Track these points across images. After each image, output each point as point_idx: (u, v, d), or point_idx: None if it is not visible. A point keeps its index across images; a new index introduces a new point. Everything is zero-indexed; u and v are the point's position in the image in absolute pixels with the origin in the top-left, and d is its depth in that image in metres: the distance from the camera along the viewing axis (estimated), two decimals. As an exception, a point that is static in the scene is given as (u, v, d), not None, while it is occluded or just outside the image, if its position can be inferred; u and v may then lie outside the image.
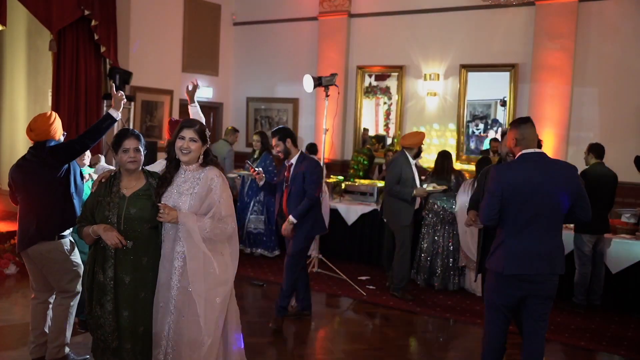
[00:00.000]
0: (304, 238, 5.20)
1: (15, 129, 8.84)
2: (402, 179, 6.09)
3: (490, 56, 8.34)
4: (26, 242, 4.01)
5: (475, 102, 8.62)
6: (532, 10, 7.98)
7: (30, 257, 4.05)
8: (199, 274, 3.19)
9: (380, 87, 9.33)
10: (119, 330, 3.29)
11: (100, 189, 3.38)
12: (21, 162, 4.10)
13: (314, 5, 9.68)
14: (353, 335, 5.23)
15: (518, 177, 3.48)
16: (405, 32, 8.99)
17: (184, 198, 3.25)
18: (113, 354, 3.33)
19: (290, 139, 5.18)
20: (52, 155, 4.00)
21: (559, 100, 7.77)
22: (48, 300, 4.21)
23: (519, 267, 3.46)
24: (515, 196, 3.46)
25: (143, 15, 8.56)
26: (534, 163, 3.50)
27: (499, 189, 3.49)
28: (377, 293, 6.44)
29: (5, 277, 6.39)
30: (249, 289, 6.44)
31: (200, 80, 9.99)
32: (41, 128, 4.03)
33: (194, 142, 3.27)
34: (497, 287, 3.58)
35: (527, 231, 3.46)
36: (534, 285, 3.47)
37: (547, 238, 3.47)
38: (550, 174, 3.47)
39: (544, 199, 3.43)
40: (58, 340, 4.09)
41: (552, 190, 3.44)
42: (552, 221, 3.49)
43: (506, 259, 3.48)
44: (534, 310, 3.54)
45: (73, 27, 7.22)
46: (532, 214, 3.44)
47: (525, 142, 3.54)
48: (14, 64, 8.80)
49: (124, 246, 3.23)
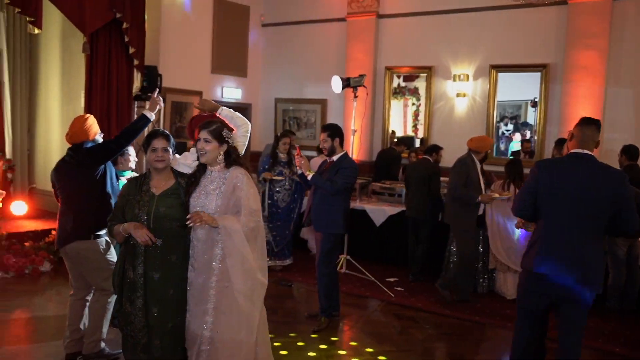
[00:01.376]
0: (326, 237, 5.25)
1: (50, 130, 9.03)
2: (467, 182, 5.95)
3: (520, 56, 8.24)
4: (63, 240, 4.15)
5: (505, 103, 8.52)
6: (564, 10, 7.86)
7: (68, 255, 4.19)
8: (238, 272, 3.22)
9: (409, 88, 9.29)
10: (149, 326, 3.35)
11: (131, 189, 3.45)
12: (60, 164, 4.26)
13: (343, 6, 9.68)
14: (380, 336, 5.21)
15: (559, 175, 3.39)
16: (434, 33, 8.93)
17: (211, 198, 3.29)
18: (143, 349, 3.38)
19: (338, 139, 5.27)
20: (89, 155, 4.14)
21: (592, 101, 7.63)
22: (85, 298, 4.34)
23: (549, 267, 3.36)
24: (553, 194, 3.38)
25: (173, 17, 8.67)
26: (580, 164, 3.39)
27: (534, 183, 3.44)
28: (405, 295, 6.41)
29: (40, 274, 6.53)
30: (277, 289, 6.47)
31: (228, 81, 10.11)
32: (76, 129, 4.19)
33: (208, 142, 3.32)
34: (526, 287, 3.50)
35: (563, 233, 3.35)
36: (564, 289, 3.35)
37: (583, 244, 3.33)
38: (594, 178, 3.33)
39: (583, 202, 3.31)
40: (95, 335, 4.23)
41: (592, 195, 3.31)
42: (591, 227, 3.34)
43: (538, 257, 3.40)
44: (566, 317, 3.41)
45: (105, 29, 7.34)
46: (569, 215, 3.34)
47: (580, 142, 3.44)
48: (49, 66, 9.00)
49: (154, 244, 3.28)
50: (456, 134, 8.68)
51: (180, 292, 3.38)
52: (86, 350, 4.24)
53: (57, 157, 8.82)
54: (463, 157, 6.17)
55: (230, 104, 10.20)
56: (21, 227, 7.45)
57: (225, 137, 3.38)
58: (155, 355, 3.37)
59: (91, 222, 4.09)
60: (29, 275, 6.48)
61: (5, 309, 5.42)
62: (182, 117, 8.97)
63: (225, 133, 3.38)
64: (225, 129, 3.40)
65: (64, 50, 8.67)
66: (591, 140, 3.46)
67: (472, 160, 6.06)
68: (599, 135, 3.50)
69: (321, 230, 5.28)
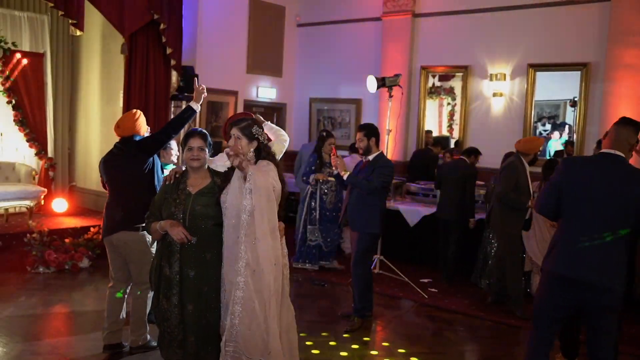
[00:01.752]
0: (362, 237, 5.24)
1: (90, 128, 9.25)
2: (516, 186, 5.73)
3: (560, 55, 8.06)
4: (111, 229, 4.28)
5: (543, 103, 8.36)
6: (606, 7, 7.66)
7: (115, 245, 4.31)
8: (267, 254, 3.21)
9: (444, 88, 9.20)
10: (184, 323, 3.40)
11: (168, 187, 3.51)
12: (109, 157, 4.41)
13: (378, 5, 9.65)
14: (413, 338, 5.17)
15: (585, 174, 3.28)
16: (470, 32, 8.82)
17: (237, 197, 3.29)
18: (179, 345, 3.44)
19: (374, 138, 5.27)
20: (140, 147, 4.30)
21: (635, 101, 7.42)
22: (125, 291, 4.45)
23: (569, 268, 3.23)
24: (578, 193, 3.27)
25: (209, 18, 8.78)
26: (609, 164, 3.27)
27: (559, 180, 3.34)
28: (438, 296, 6.35)
29: (79, 270, 6.69)
30: (311, 289, 6.49)
31: (264, 81, 10.18)
32: (127, 124, 4.35)
33: (239, 139, 3.35)
34: (546, 289, 3.36)
35: (586, 233, 3.22)
36: (587, 293, 3.21)
37: (605, 246, 3.19)
38: (622, 179, 3.20)
39: (609, 204, 3.19)
40: (140, 330, 4.37)
41: (618, 197, 3.18)
42: (615, 230, 3.19)
43: (559, 257, 3.29)
44: (593, 323, 3.27)
45: (143, 30, 7.47)
46: (593, 216, 3.21)
47: (614, 142, 3.32)
48: (89, 68, 9.22)
49: (190, 242, 3.33)
50: (492, 134, 8.55)
51: (214, 290, 3.42)
52: (134, 343, 4.37)
53: (97, 156, 9.09)
54: (512, 161, 5.88)
55: (265, 103, 10.29)
56: (61, 224, 7.65)
57: (255, 133, 3.38)
58: (190, 351, 3.42)
59: (139, 214, 4.13)
60: (68, 271, 6.65)
61: (46, 303, 5.57)
62: (217, 117, 9.07)
63: (255, 130, 3.39)
64: (255, 126, 3.41)
65: (104, 51, 8.87)
66: (626, 142, 3.31)
67: (521, 164, 5.80)
68: (636, 137, 3.35)
69: (357, 230, 5.27)
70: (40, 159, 8.63)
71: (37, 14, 8.83)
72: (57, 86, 9.13)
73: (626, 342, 5.13)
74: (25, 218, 7.65)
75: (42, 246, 6.69)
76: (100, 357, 4.39)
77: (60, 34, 9.10)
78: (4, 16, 8.48)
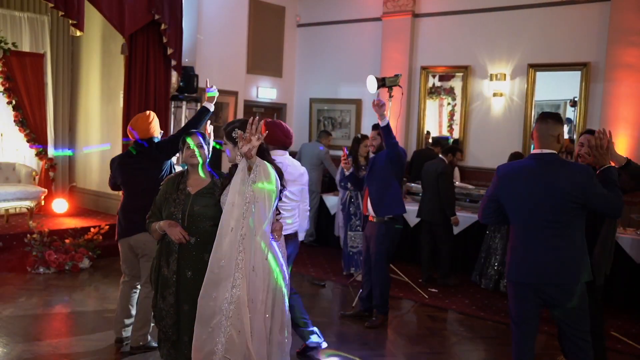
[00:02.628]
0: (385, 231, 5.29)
1: (90, 128, 9.26)
2: None
3: (560, 55, 8.06)
4: (130, 231, 4.34)
5: (543, 103, 8.35)
6: (606, 7, 7.65)
7: (132, 245, 4.38)
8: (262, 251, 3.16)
9: (444, 88, 9.20)
10: (179, 323, 3.41)
11: (169, 187, 3.52)
12: (125, 160, 4.48)
13: (378, 5, 9.64)
14: (414, 338, 5.17)
15: (519, 179, 3.31)
16: (470, 32, 8.82)
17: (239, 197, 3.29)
18: (172, 345, 3.45)
19: None
20: (159, 150, 4.38)
21: (635, 101, 7.41)
22: (136, 285, 4.53)
23: (527, 275, 3.27)
24: (516, 198, 3.31)
25: (209, 18, 8.77)
26: (541, 164, 3.28)
27: (495, 190, 3.41)
28: (439, 296, 6.35)
29: (79, 270, 6.70)
30: (310, 289, 6.49)
31: (264, 81, 10.17)
32: (142, 127, 4.40)
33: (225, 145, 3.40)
34: (513, 296, 3.39)
35: (533, 237, 3.26)
36: (549, 295, 3.25)
37: (555, 243, 3.22)
38: (557, 177, 3.21)
39: (548, 202, 3.20)
40: (143, 329, 4.41)
41: (557, 194, 3.18)
42: (561, 227, 3.21)
43: (516, 265, 3.33)
44: (563, 323, 3.31)
45: (144, 31, 7.47)
46: (536, 217, 3.24)
47: (539, 139, 3.33)
48: (89, 68, 9.23)
49: (188, 242, 3.33)
50: (492, 134, 8.55)
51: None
52: (134, 342, 4.42)
53: (97, 156, 9.09)
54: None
55: (265, 104, 10.29)
56: (62, 224, 7.65)
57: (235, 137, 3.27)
58: (183, 351, 3.41)
59: None
60: (68, 271, 6.65)
61: (46, 304, 5.58)
62: (217, 117, 9.07)
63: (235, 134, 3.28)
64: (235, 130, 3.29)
65: (104, 52, 8.88)
66: (549, 136, 3.31)
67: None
68: (559, 128, 3.33)
69: (384, 213, 5.26)
70: (41, 159, 8.63)
71: (37, 14, 8.84)
72: (57, 86, 9.14)
73: (625, 342, 5.14)
74: (26, 218, 7.65)
75: (43, 247, 6.69)
76: (101, 357, 4.40)
77: (61, 34, 9.11)
78: (4, 16, 8.49)
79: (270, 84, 10.30)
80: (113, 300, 5.42)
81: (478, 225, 6.75)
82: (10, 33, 8.45)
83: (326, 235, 8.58)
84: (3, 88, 8.23)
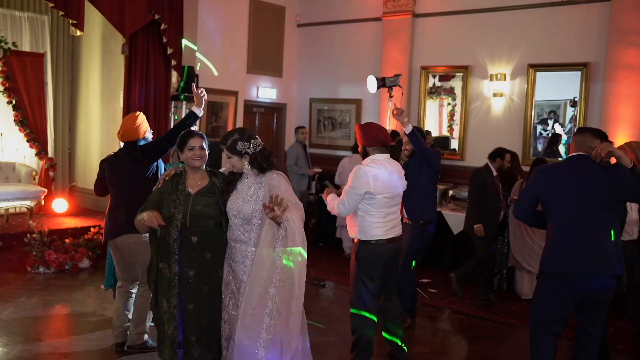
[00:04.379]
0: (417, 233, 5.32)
1: (90, 130, 9.26)
2: None
3: (560, 55, 8.06)
4: (115, 232, 4.31)
5: (543, 103, 8.35)
6: (606, 7, 7.65)
7: (119, 247, 4.34)
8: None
9: (444, 88, 9.19)
10: (184, 322, 3.40)
11: (166, 186, 3.51)
12: (114, 159, 4.43)
13: (378, 5, 9.64)
14: (415, 338, 5.17)
15: (559, 177, 3.53)
16: (471, 32, 8.82)
17: (248, 204, 3.30)
18: (179, 346, 3.44)
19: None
20: (143, 153, 4.31)
21: (636, 101, 7.41)
22: (130, 290, 4.50)
23: (566, 264, 3.41)
24: (556, 196, 3.49)
25: (209, 18, 8.77)
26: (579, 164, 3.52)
27: (533, 188, 3.60)
28: (439, 296, 6.35)
29: (79, 270, 6.70)
30: (310, 289, 6.47)
31: (264, 81, 10.17)
32: (127, 128, 4.38)
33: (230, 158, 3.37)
34: (547, 291, 3.51)
35: (574, 229, 3.42)
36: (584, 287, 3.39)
37: (595, 237, 3.40)
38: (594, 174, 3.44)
39: (588, 198, 3.41)
40: (139, 328, 4.40)
41: (595, 190, 3.41)
42: (600, 221, 3.41)
43: (554, 256, 3.48)
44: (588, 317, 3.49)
45: (143, 30, 7.47)
46: (576, 213, 3.42)
47: (576, 148, 3.61)
48: (90, 68, 9.23)
49: (160, 226, 3.34)
50: (492, 134, 8.54)
51: (215, 290, 3.42)
52: (131, 341, 4.42)
53: (97, 156, 9.09)
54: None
55: (265, 104, 10.29)
56: (62, 224, 7.66)
57: (240, 149, 3.31)
58: (189, 350, 3.42)
59: None
60: (68, 271, 6.66)
61: (46, 304, 5.58)
62: (218, 117, 9.07)
63: (240, 146, 3.31)
64: (239, 142, 3.32)
65: (104, 51, 8.88)
66: (587, 147, 3.57)
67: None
68: (595, 141, 3.58)
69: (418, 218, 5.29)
70: (41, 159, 8.63)
71: (38, 14, 8.84)
72: (57, 86, 9.14)
73: (626, 342, 5.14)
74: (26, 218, 7.65)
75: (43, 246, 6.69)
76: (100, 357, 4.40)
77: (61, 34, 9.11)
78: (4, 16, 8.49)
79: (270, 84, 10.29)
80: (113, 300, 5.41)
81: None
82: (10, 33, 8.45)
83: (326, 235, 8.59)
84: (3, 88, 8.23)
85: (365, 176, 3.95)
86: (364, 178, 3.94)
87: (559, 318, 3.51)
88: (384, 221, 4.09)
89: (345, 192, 4.04)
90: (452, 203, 7.78)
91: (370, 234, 4.07)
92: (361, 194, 3.96)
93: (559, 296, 3.44)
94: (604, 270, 3.38)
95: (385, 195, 4.02)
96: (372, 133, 4.12)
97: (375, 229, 4.06)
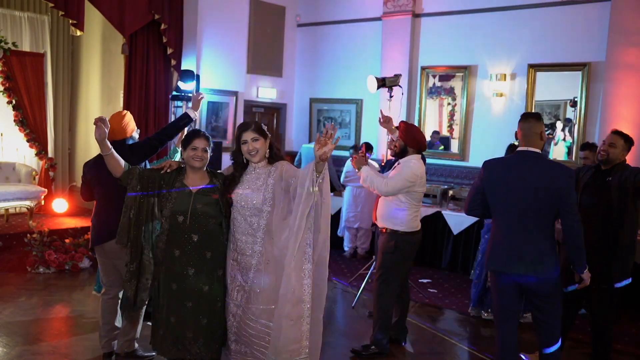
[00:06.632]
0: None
1: (90, 130, 9.25)
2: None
3: (560, 55, 8.05)
4: (102, 238, 4.13)
5: (543, 103, 8.35)
6: (606, 7, 7.65)
7: (106, 252, 4.15)
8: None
9: (445, 88, 9.19)
10: (183, 320, 3.43)
11: (166, 176, 3.50)
12: (99, 160, 4.14)
13: (378, 5, 9.64)
14: (414, 338, 5.17)
15: (505, 173, 3.51)
16: (471, 32, 8.81)
17: (256, 194, 3.34)
18: (175, 343, 3.45)
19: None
20: (133, 153, 4.15)
21: (636, 101, 7.41)
22: (118, 296, 4.29)
23: (501, 263, 3.49)
24: (500, 192, 3.50)
25: (210, 18, 8.78)
26: (527, 161, 3.48)
27: (481, 182, 3.60)
28: (439, 296, 6.35)
29: (79, 270, 6.70)
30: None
31: (264, 81, 10.17)
32: (113, 127, 4.14)
33: (256, 140, 3.39)
34: (495, 287, 3.61)
35: (512, 229, 3.46)
36: (523, 284, 3.46)
37: (531, 239, 3.42)
38: (541, 174, 3.41)
39: (531, 199, 3.39)
40: (129, 335, 4.23)
41: (540, 191, 3.38)
42: (541, 222, 3.42)
43: (492, 254, 3.56)
44: (535, 309, 3.56)
45: (143, 30, 7.48)
46: (518, 212, 3.43)
47: (524, 138, 3.55)
48: (90, 68, 9.23)
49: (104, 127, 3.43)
50: (492, 134, 8.54)
51: (215, 289, 3.43)
52: (120, 349, 4.24)
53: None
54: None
55: (265, 104, 10.29)
56: (62, 224, 7.66)
57: (265, 130, 3.47)
58: (188, 348, 3.43)
59: None
60: (68, 271, 6.65)
61: (46, 304, 5.58)
62: (217, 117, 9.07)
63: (264, 126, 3.49)
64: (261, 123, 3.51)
65: (104, 51, 8.88)
66: (533, 134, 3.51)
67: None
68: (540, 126, 3.53)
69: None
70: (41, 159, 8.63)
71: (38, 14, 8.85)
72: (57, 86, 9.14)
73: (626, 342, 5.14)
74: (26, 218, 7.65)
75: (43, 246, 6.69)
76: (101, 357, 4.39)
77: (61, 34, 9.12)
78: (4, 16, 8.50)
79: (270, 83, 10.29)
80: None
81: (478, 226, 6.75)
82: (10, 33, 8.46)
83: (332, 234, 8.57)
84: (3, 88, 8.24)
85: (416, 168, 4.46)
86: (416, 170, 4.45)
87: (510, 308, 3.57)
88: (418, 215, 4.62)
89: (394, 176, 4.47)
90: (452, 203, 7.78)
91: (412, 226, 4.56)
92: (412, 181, 4.43)
93: (504, 291, 3.53)
94: (528, 272, 3.40)
95: (422, 191, 4.58)
96: (418, 137, 4.63)
97: (414, 221, 4.58)
